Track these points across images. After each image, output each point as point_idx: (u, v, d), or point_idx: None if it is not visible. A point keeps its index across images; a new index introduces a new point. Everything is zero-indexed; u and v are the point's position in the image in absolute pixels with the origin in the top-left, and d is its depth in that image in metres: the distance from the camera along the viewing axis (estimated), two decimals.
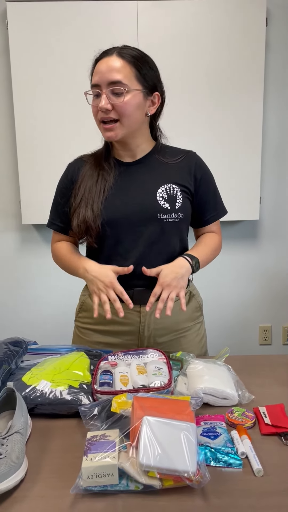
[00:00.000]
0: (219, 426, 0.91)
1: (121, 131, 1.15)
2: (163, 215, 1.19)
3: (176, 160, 1.25)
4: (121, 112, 1.12)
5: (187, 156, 1.27)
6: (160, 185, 1.21)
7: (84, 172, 1.24)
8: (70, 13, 2.24)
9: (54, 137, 2.35)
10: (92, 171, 1.23)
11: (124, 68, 1.12)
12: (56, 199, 1.30)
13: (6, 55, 2.36)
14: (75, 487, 0.75)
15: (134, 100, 1.13)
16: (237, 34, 2.26)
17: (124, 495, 0.75)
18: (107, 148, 1.26)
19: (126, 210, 1.19)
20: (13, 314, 2.67)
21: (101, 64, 1.12)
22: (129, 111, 1.13)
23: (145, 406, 0.85)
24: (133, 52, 1.14)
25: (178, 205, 1.20)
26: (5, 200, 2.55)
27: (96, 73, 1.13)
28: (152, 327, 1.26)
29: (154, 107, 1.21)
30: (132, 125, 1.17)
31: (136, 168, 1.24)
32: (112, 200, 1.19)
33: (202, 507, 0.73)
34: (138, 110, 1.16)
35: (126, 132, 1.17)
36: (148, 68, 1.17)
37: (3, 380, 1.01)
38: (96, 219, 1.18)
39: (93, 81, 1.14)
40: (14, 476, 0.76)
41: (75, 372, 1.06)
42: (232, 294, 2.70)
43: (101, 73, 1.11)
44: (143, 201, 1.19)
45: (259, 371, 1.19)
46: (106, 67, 1.11)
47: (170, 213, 1.19)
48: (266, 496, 0.75)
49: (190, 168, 1.26)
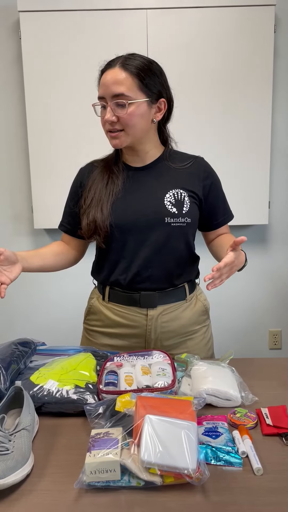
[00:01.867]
0: (221, 426, 0.93)
1: (126, 140, 1.19)
2: (170, 219, 1.21)
3: (185, 165, 1.27)
4: (125, 123, 1.16)
5: (195, 162, 1.29)
6: (168, 190, 1.23)
7: (95, 175, 1.28)
8: (81, 22, 2.29)
9: (66, 144, 2.40)
10: (102, 175, 1.27)
11: (127, 80, 1.14)
12: (67, 201, 1.35)
13: (19, 63, 2.42)
14: (79, 482, 0.77)
15: (138, 110, 1.16)
16: (245, 40, 2.29)
17: (126, 490, 0.78)
18: (117, 153, 1.30)
19: (134, 214, 1.22)
20: (25, 317, 2.72)
21: (105, 77, 1.15)
22: (133, 121, 1.16)
23: (147, 405, 0.87)
24: (136, 62, 1.16)
25: (186, 210, 1.22)
26: (18, 205, 2.60)
27: (101, 86, 1.17)
28: (158, 330, 1.28)
29: (161, 113, 1.24)
30: (137, 134, 1.20)
31: (145, 173, 1.26)
32: (120, 204, 1.22)
33: (202, 504, 0.74)
34: (142, 119, 1.18)
35: (132, 140, 1.20)
36: (152, 76, 1.18)
37: (12, 379, 1.05)
38: (105, 220, 1.21)
39: (98, 93, 1.18)
40: (20, 470, 0.79)
41: (81, 372, 1.08)
42: (242, 298, 2.71)
43: (105, 86, 1.15)
44: (151, 205, 1.22)
45: (264, 373, 1.20)
46: (109, 80, 1.14)
47: (178, 218, 1.22)
48: (265, 493, 0.76)
49: (199, 174, 1.28)
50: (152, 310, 1.27)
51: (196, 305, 1.34)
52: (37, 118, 2.38)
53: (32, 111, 2.37)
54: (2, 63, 2.44)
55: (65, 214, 1.35)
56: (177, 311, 1.29)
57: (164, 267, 1.25)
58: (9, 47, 2.42)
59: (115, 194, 1.23)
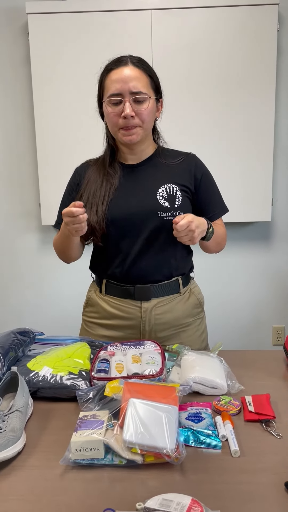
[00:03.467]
0: (204, 412, 0.97)
1: (141, 135, 1.24)
2: (163, 213, 1.26)
3: (177, 161, 1.33)
4: (143, 119, 1.22)
5: (187, 158, 1.34)
6: (161, 185, 1.28)
7: (88, 176, 1.33)
8: (87, 23, 2.34)
9: (73, 143, 2.46)
10: (96, 176, 1.31)
11: (143, 78, 1.21)
12: (63, 201, 1.39)
13: (27, 64, 2.49)
14: (64, 459, 0.83)
15: (152, 107, 1.23)
16: (249, 39, 2.31)
17: (109, 468, 0.83)
18: (112, 153, 1.34)
19: (128, 209, 1.26)
20: (35, 310, 2.79)
21: (119, 73, 1.19)
22: (149, 117, 1.24)
23: (133, 390, 0.92)
24: (144, 62, 1.25)
25: (178, 204, 1.27)
26: (26, 202, 2.67)
27: (115, 82, 1.19)
28: (152, 322, 1.33)
29: (159, 112, 1.31)
30: (149, 130, 1.28)
31: (139, 169, 1.32)
32: (115, 201, 1.27)
33: (179, 481, 0.79)
34: (153, 115, 1.27)
35: (143, 136, 1.26)
36: (156, 76, 1.27)
37: (9, 366, 1.11)
38: (100, 221, 1.26)
39: (113, 89, 1.20)
40: (11, 448, 0.85)
41: (76, 360, 1.14)
42: (245, 295, 2.73)
43: (123, 82, 1.18)
44: (144, 200, 1.27)
45: (253, 364, 1.24)
46: (128, 77, 1.18)
47: (170, 211, 1.26)
48: (239, 474, 0.81)
49: (190, 169, 1.32)
50: (146, 303, 1.31)
51: (190, 298, 1.38)
52: (45, 117, 2.45)
53: (40, 111, 2.44)
54: (11, 64, 2.51)
55: (61, 214, 1.38)
56: (170, 304, 1.33)
57: (158, 260, 1.30)
58: (18, 48, 2.49)
59: (111, 194, 1.28)
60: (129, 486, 0.78)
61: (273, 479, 0.78)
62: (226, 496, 0.75)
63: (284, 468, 0.80)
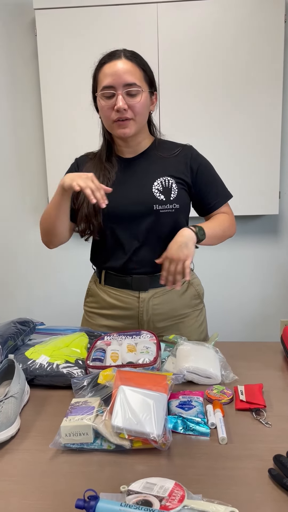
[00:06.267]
0: (195, 400, 0.98)
1: (134, 128, 1.25)
2: (158, 206, 1.27)
3: (173, 154, 1.33)
4: (136, 112, 1.22)
5: (183, 149, 1.34)
6: (156, 178, 1.29)
7: (85, 170, 1.33)
8: (93, 18, 2.35)
9: (80, 138, 2.48)
10: (93, 170, 1.31)
11: (136, 71, 1.22)
12: None
13: (35, 60, 2.51)
14: (54, 443, 0.86)
15: (145, 100, 1.24)
16: (255, 31, 2.29)
17: (98, 453, 0.85)
18: (108, 147, 1.35)
19: (124, 203, 1.28)
20: (42, 303, 2.84)
21: (112, 67, 1.21)
22: (142, 110, 1.24)
23: (125, 378, 0.94)
24: (138, 55, 1.25)
25: (173, 196, 1.28)
26: (35, 197, 2.71)
27: (108, 75, 1.21)
28: (150, 312, 1.35)
29: (154, 105, 1.31)
30: (142, 122, 1.28)
31: (136, 162, 1.32)
32: (112, 194, 1.27)
33: (165, 466, 0.81)
34: (146, 108, 1.27)
35: (137, 129, 1.26)
36: (150, 69, 1.27)
37: (7, 354, 1.14)
38: (97, 215, 1.28)
39: (106, 82, 1.21)
40: (4, 432, 0.88)
41: (73, 349, 1.17)
42: (252, 288, 2.73)
43: (116, 75, 1.20)
44: (140, 193, 1.28)
45: (250, 355, 1.25)
46: (121, 69, 1.19)
47: (165, 204, 1.27)
48: (224, 459, 0.82)
49: (186, 160, 1.32)
50: (143, 293, 1.33)
51: (188, 290, 1.39)
52: (53, 112, 2.47)
53: (48, 106, 2.46)
54: (19, 59, 2.54)
55: None
56: (168, 295, 1.35)
57: (155, 252, 1.31)
58: (26, 44, 2.51)
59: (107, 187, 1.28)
60: (116, 470, 0.80)
61: (258, 466, 0.79)
62: (210, 481, 0.76)
63: (269, 456, 0.81)
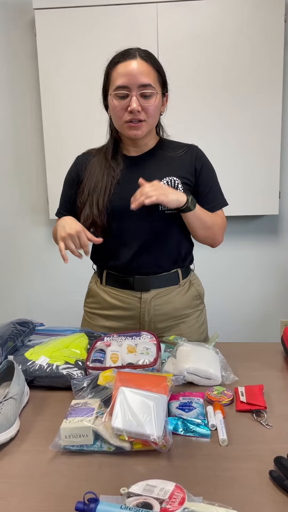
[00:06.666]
0: (195, 401, 0.98)
1: (146, 130, 1.24)
2: (163, 207, 1.25)
3: (179, 153, 1.32)
4: (149, 114, 1.21)
5: (189, 149, 1.33)
6: (162, 178, 1.27)
7: (90, 168, 1.32)
8: (93, 18, 2.35)
9: (80, 138, 2.47)
10: (98, 168, 1.31)
11: (151, 72, 1.20)
12: (64, 190, 1.40)
13: (34, 60, 2.51)
14: (54, 445, 0.85)
15: (158, 102, 1.22)
16: (255, 31, 2.29)
17: (98, 454, 0.85)
18: (115, 145, 1.33)
19: (129, 203, 1.24)
20: (43, 303, 2.83)
21: (127, 66, 1.17)
22: (155, 112, 1.23)
23: (124, 379, 0.94)
24: (150, 55, 1.22)
25: None
26: (34, 197, 2.70)
27: (122, 75, 1.18)
28: (152, 313, 1.34)
29: (164, 106, 1.30)
30: (154, 124, 1.27)
31: (141, 162, 1.31)
32: (117, 193, 1.27)
33: (165, 467, 0.81)
34: (159, 110, 1.25)
35: (148, 131, 1.25)
36: (163, 70, 1.25)
37: (7, 355, 1.13)
38: (100, 215, 1.27)
39: (120, 82, 1.18)
40: (4, 433, 0.87)
41: (73, 350, 1.16)
42: (252, 289, 2.72)
43: (131, 75, 1.17)
44: None
45: (250, 356, 1.24)
46: (136, 70, 1.17)
47: None
48: (224, 461, 0.82)
49: (191, 160, 1.32)
50: (145, 294, 1.33)
51: (190, 290, 1.38)
52: (52, 113, 2.47)
53: (47, 106, 2.46)
54: (18, 59, 2.53)
55: (64, 203, 1.40)
56: (170, 295, 1.34)
57: (158, 253, 1.30)
58: (25, 44, 2.51)
59: (112, 187, 1.27)
60: (116, 472, 0.80)
61: (258, 467, 0.79)
62: (210, 483, 0.76)
63: (270, 457, 0.81)
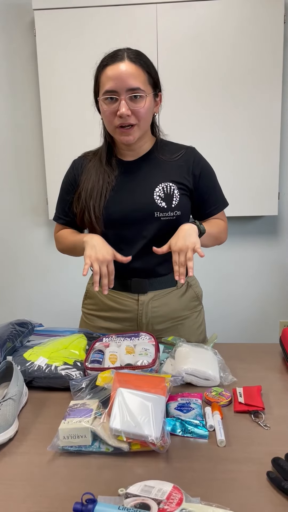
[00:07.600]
0: (194, 402, 0.98)
1: (138, 134, 1.21)
2: (159, 213, 1.25)
3: (175, 157, 1.30)
4: (140, 117, 1.17)
5: (186, 153, 1.31)
6: (158, 184, 1.26)
7: (86, 172, 1.31)
8: (93, 18, 2.35)
9: (79, 138, 2.47)
10: (93, 173, 1.29)
11: (140, 74, 1.16)
12: (62, 194, 1.38)
13: (34, 61, 2.51)
14: (52, 446, 0.85)
15: (149, 104, 1.19)
16: (255, 31, 2.29)
17: (97, 455, 0.85)
18: (109, 148, 1.32)
19: (125, 209, 1.25)
20: (42, 303, 2.83)
21: (115, 69, 1.15)
22: (147, 115, 1.19)
23: (123, 380, 0.94)
24: (142, 56, 1.20)
25: (175, 203, 1.25)
26: (33, 198, 2.70)
27: (110, 79, 1.16)
28: (149, 315, 1.34)
29: (158, 107, 1.27)
30: (146, 127, 1.24)
31: (136, 167, 1.29)
32: (112, 199, 1.26)
33: (164, 469, 0.81)
34: (150, 112, 1.22)
35: (141, 134, 1.22)
36: (154, 70, 1.22)
37: (6, 356, 1.14)
38: (97, 221, 1.26)
39: (108, 86, 1.16)
40: (2, 434, 0.88)
41: (72, 351, 1.16)
42: (251, 289, 2.72)
43: (119, 79, 1.15)
44: (140, 200, 1.25)
45: (248, 357, 1.24)
46: (124, 73, 1.14)
47: (167, 212, 1.25)
48: (224, 462, 0.82)
49: (188, 165, 1.29)
50: (143, 296, 1.32)
51: (187, 292, 1.38)
52: (52, 113, 2.47)
53: (47, 106, 2.46)
54: (18, 60, 2.53)
55: (61, 208, 1.38)
56: (167, 297, 1.34)
57: (155, 259, 1.29)
58: (25, 45, 2.51)
59: (107, 194, 1.25)
60: (115, 472, 0.80)
61: (256, 469, 0.79)
62: (208, 484, 0.76)
63: (268, 458, 0.81)
